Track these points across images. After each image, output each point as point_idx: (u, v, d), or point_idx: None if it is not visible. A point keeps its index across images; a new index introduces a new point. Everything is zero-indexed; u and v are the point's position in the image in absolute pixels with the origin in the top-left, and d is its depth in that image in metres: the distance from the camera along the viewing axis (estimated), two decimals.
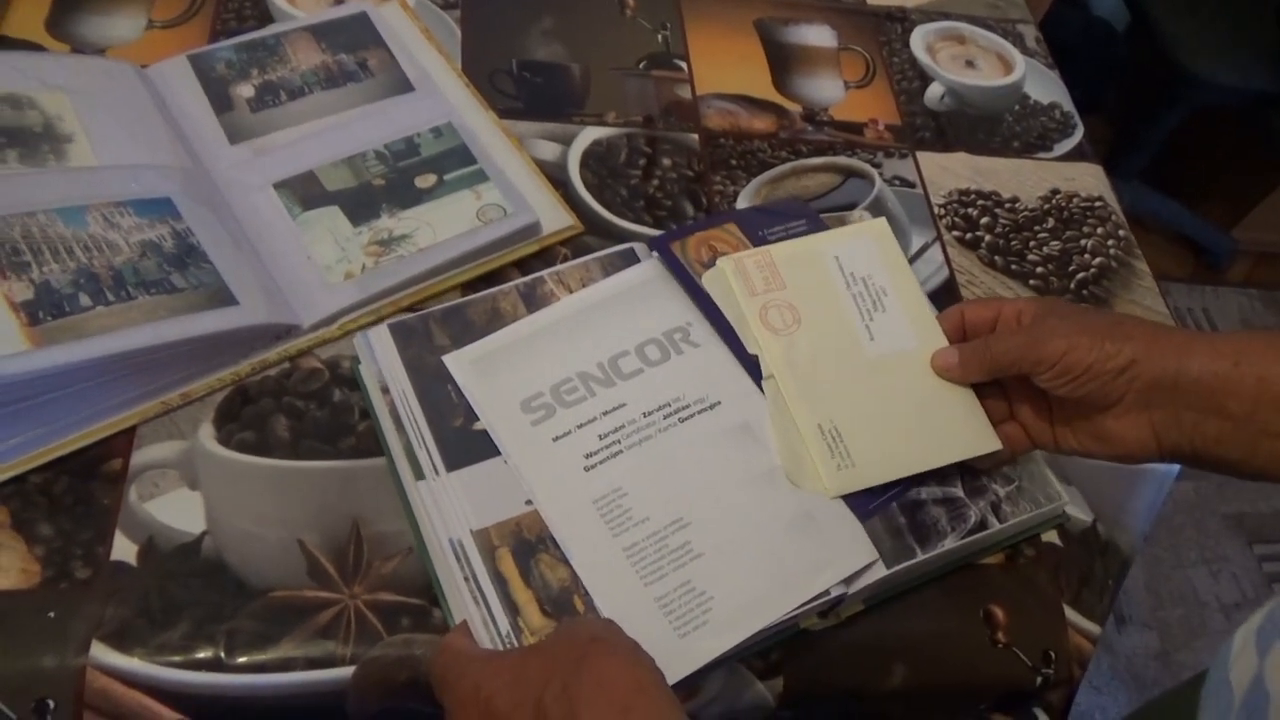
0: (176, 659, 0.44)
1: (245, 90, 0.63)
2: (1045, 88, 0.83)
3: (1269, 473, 0.43)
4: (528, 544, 0.45)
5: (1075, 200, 0.75)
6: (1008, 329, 0.49)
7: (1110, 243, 0.73)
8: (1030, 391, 0.49)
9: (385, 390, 0.50)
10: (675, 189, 0.68)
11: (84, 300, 0.49)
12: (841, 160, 0.72)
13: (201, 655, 0.44)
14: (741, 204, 0.68)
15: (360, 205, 0.59)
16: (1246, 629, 0.42)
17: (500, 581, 0.44)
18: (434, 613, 0.47)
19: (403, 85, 0.65)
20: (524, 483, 0.47)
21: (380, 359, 0.51)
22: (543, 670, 0.36)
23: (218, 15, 0.70)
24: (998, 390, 0.51)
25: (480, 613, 0.43)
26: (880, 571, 0.47)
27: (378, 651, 0.45)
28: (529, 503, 0.46)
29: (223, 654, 0.44)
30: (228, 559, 0.47)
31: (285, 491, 0.50)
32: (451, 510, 0.46)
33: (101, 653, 0.43)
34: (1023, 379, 0.48)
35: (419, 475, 0.47)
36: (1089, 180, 0.76)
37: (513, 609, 0.43)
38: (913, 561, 0.48)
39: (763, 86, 0.76)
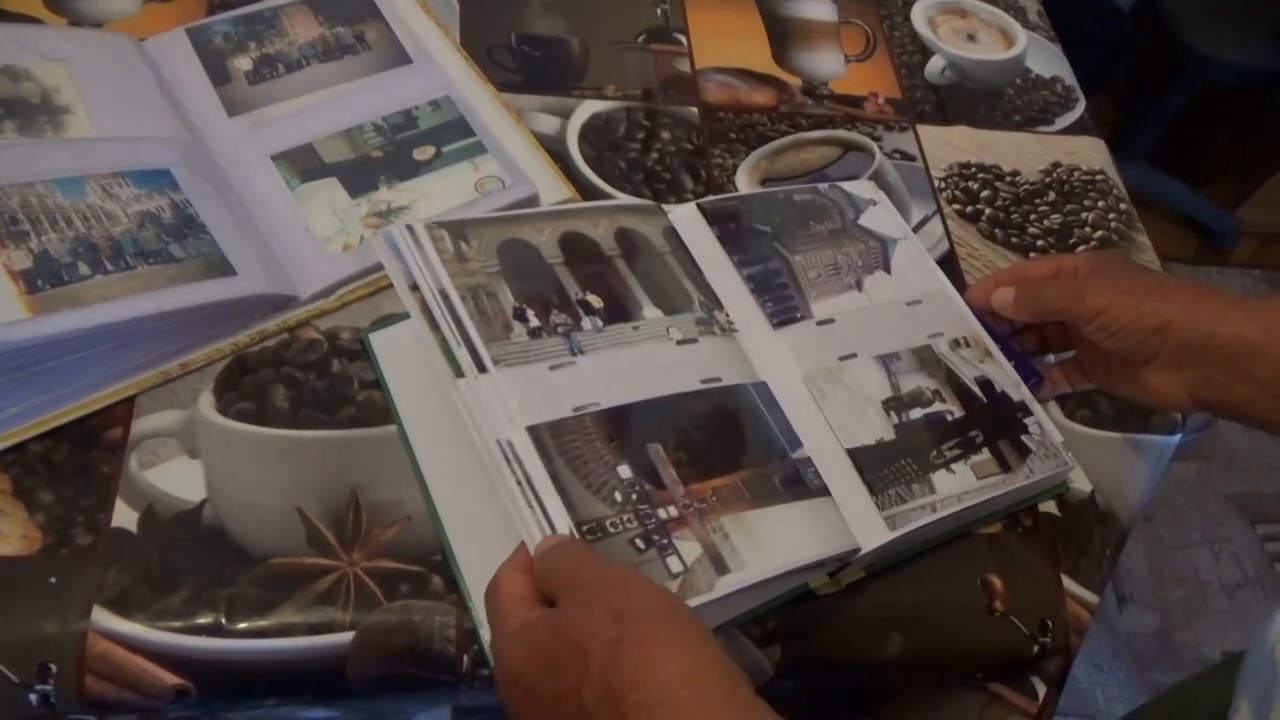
0: (177, 624, 0.44)
1: (243, 63, 0.63)
2: (1047, 61, 0.82)
3: None
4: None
5: (1076, 174, 0.74)
6: (1063, 277, 0.53)
7: (1111, 216, 0.72)
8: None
9: (414, 288, 0.46)
10: (674, 162, 0.67)
11: (83, 269, 0.49)
12: (841, 133, 0.72)
13: (202, 621, 0.44)
14: (740, 177, 0.68)
15: (358, 177, 0.59)
16: None
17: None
18: (432, 579, 0.47)
19: (400, 58, 0.65)
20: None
21: (408, 258, 0.47)
22: (576, 660, 0.34)
23: None
24: (1060, 328, 0.56)
25: (535, 516, 0.41)
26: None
27: (377, 617, 0.46)
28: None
29: (223, 619, 0.45)
30: (228, 526, 0.47)
31: (284, 460, 0.50)
32: (498, 409, 0.43)
33: (103, 618, 0.44)
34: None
35: (458, 374, 0.44)
36: (1090, 154, 0.76)
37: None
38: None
39: (762, 60, 0.76)
